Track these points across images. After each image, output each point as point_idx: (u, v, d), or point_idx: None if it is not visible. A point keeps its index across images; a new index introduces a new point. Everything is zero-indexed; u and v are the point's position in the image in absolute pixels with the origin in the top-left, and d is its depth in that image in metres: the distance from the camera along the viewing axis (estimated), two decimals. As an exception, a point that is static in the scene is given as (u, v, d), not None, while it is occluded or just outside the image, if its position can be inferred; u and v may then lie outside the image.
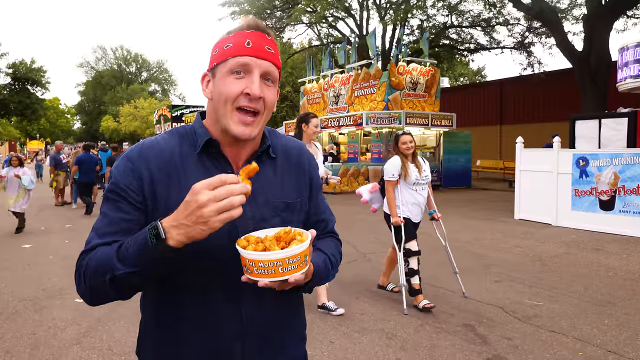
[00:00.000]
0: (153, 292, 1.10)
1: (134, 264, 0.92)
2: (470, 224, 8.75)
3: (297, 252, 0.94)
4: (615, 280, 5.08)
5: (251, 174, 0.96)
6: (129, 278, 0.93)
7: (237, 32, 1.04)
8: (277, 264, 0.93)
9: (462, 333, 3.68)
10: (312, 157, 1.26)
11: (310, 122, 4.28)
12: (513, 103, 23.93)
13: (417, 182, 4.32)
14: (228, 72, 1.02)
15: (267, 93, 1.04)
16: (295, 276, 0.94)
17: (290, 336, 1.18)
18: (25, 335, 3.73)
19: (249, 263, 0.94)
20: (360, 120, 15.64)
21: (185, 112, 34.81)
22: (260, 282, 0.93)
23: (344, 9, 23.35)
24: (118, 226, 1.01)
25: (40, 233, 8.32)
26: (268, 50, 1.04)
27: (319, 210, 1.24)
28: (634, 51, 9.57)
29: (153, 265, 0.92)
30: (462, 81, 41.94)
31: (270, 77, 1.05)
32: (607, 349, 3.36)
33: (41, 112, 36.44)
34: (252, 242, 0.97)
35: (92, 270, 0.96)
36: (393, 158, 4.38)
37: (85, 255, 1.01)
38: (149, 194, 1.02)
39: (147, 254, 0.90)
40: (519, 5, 17.07)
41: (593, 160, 8.02)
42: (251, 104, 1.02)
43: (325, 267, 1.13)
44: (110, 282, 0.94)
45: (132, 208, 1.02)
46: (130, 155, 1.05)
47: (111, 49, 67.05)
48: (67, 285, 5.02)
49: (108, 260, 0.94)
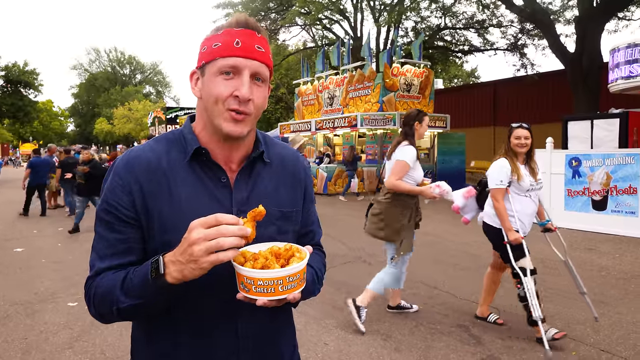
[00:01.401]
0: None
1: (138, 296, 0.92)
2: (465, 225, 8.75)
3: (297, 269, 0.90)
4: (608, 280, 5.11)
5: (258, 218, 0.91)
6: (135, 309, 0.95)
7: (226, 29, 1.00)
8: (277, 282, 0.88)
9: (457, 334, 3.69)
10: (307, 167, 1.24)
11: (424, 121, 3.92)
12: (506, 104, 24.04)
13: (531, 188, 3.65)
14: (217, 72, 0.99)
15: (257, 94, 1.01)
16: (294, 294, 0.91)
17: (284, 347, 1.17)
18: (17, 340, 3.69)
19: (247, 281, 0.88)
20: (354, 122, 15.66)
21: (179, 114, 34.73)
22: (258, 300, 0.89)
23: (338, 11, 23.41)
24: (115, 248, 1.00)
25: (33, 236, 8.26)
26: (258, 49, 1.00)
27: (309, 222, 1.23)
28: (625, 52, 9.66)
29: (156, 297, 0.92)
30: (456, 82, 42.11)
31: (260, 76, 1.02)
32: (600, 348, 3.38)
33: (34, 114, 36.17)
34: (250, 259, 0.91)
35: (99, 300, 0.98)
36: (499, 161, 3.65)
37: (91, 281, 1.01)
38: (142, 209, 0.99)
39: (149, 287, 0.90)
40: (511, 7, 17.20)
41: (585, 161, 8.07)
42: (240, 107, 0.99)
43: (312, 281, 1.12)
44: (117, 312, 0.96)
45: (125, 226, 1.00)
46: (117, 170, 1.02)
47: (105, 51, 66.91)
48: (59, 289, 4.98)
49: (112, 292, 0.95)
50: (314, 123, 18.04)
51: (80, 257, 6.34)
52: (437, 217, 9.92)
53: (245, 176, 1.07)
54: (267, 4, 24.26)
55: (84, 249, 6.88)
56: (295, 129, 19.31)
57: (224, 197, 1.04)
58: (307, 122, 18.57)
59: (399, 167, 3.75)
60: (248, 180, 1.08)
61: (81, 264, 5.93)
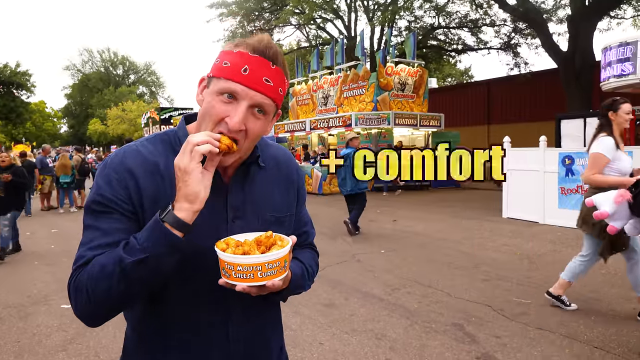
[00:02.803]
0: (137, 306, 1.06)
1: (143, 250, 0.88)
2: (459, 223, 8.80)
3: (277, 257, 0.92)
4: (601, 277, 5.14)
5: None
6: (139, 269, 0.88)
7: (241, 51, 0.96)
8: (256, 269, 0.90)
9: (451, 332, 3.70)
10: (299, 167, 1.24)
11: (620, 109, 3.63)
12: (500, 103, 24.15)
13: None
14: (218, 91, 0.96)
15: (252, 125, 0.97)
16: (273, 281, 0.92)
17: (274, 349, 1.18)
18: (9, 343, 3.66)
19: (227, 266, 0.92)
20: (349, 121, 15.67)
21: (173, 114, 34.56)
22: (238, 286, 0.91)
23: (332, 10, 23.41)
24: (113, 237, 0.94)
25: (26, 238, 8.19)
26: (266, 82, 0.96)
27: (302, 223, 1.23)
28: (617, 51, 9.72)
29: (161, 248, 0.88)
30: (450, 82, 42.24)
31: (262, 108, 0.98)
32: (593, 345, 3.39)
33: (26, 115, 35.96)
34: (232, 245, 0.94)
35: (95, 278, 0.90)
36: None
37: (80, 269, 0.93)
38: (138, 206, 0.98)
39: (156, 232, 0.88)
40: (504, 7, 17.27)
41: (578, 159, 8.12)
42: (230, 134, 0.95)
43: (302, 275, 1.11)
44: (121, 277, 0.88)
45: (125, 218, 0.97)
46: (113, 165, 0.99)
47: (98, 52, 66.29)
48: (52, 292, 4.95)
49: (114, 257, 0.89)
50: (308, 123, 18.04)
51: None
52: (429, 217, 9.96)
53: (240, 181, 1.07)
54: (261, 4, 24.21)
55: (77, 250, 6.80)
56: (290, 129, 19.31)
57: (219, 203, 1.03)
58: (302, 122, 18.57)
59: (593, 159, 3.68)
60: (243, 185, 1.07)
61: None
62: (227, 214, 1.03)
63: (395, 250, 6.65)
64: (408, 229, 8.42)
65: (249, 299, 0.98)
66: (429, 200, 13.05)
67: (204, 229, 0.98)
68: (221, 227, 1.02)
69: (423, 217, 9.80)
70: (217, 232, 1.01)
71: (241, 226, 1.04)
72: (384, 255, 6.37)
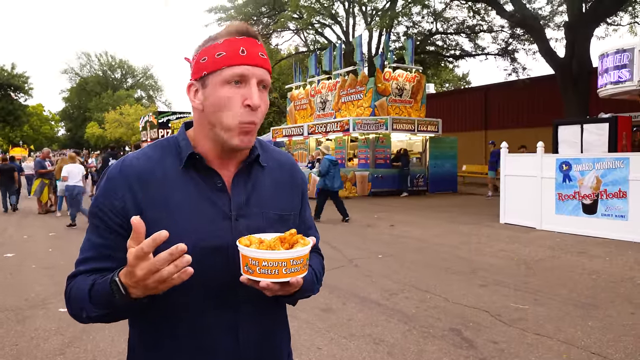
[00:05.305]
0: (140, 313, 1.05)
1: (106, 308, 0.94)
2: (456, 228, 8.82)
3: (301, 254, 0.92)
4: (598, 283, 5.16)
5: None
6: (106, 317, 0.96)
7: (228, 38, 0.99)
8: (281, 264, 0.90)
9: (449, 337, 3.71)
10: (302, 171, 1.25)
11: None
12: (498, 108, 24.24)
13: None
14: (223, 81, 0.98)
15: (264, 101, 1.03)
16: (297, 278, 0.93)
17: (284, 353, 1.17)
18: (7, 347, 3.65)
19: (252, 262, 0.91)
20: (347, 126, 15.70)
21: (171, 118, 34.57)
22: (262, 282, 0.91)
23: (330, 15, 23.50)
24: (97, 251, 1.01)
25: (23, 242, 8.17)
26: (261, 56, 1.01)
27: (306, 226, 1.23)
28: (614, 58, 9.78)
29: (125, 309, 0.93)
30: (448, 87, 42.39)
31: (265, 83, 1.02)
32: (590, 351, 3.41)
33: (24, 118, 35.89)
34: (256, 242, 0.95)
35: (72, 304, 1.00)
36: None
37: (70, 281, 1.03)
38: (136, 213, 0.96)
39: (114, 303, 0.91)
40: (502, 13, 17.37)
41: (576, 165, 8.16)
42: (251, 117, 0.99)
43: (311, 279, 1.12)
44: (89, 320, 0.98)
45: (110, 233, 1.00)
46: (111, 175, 1.02)
47: (96, 55, 66.33)
48: (50, 295, 4.94)
49: (82, 299, 0.96)
50: (306, 127, 18.06)
51: (72, 263, 6.19)
52: (426, 222, 9.98)
53: (242, 180, 1.07)
54: (260, 9, 24.28)
55: (75, 254, 6.78)
56: (287, 134, 19.33)
57: (222, 202, 1.04)
58: (300, 127, 18.59)
59: None
60: (246, 184, 1.08)
61: (72, 269, 5.87)
62: (231, 212, 1.04)
63: (392, 255, 6.66)
64: (405, 234, 8.44)
65: (259, 302, 0.99)
66: (426, 205, 13.08)
67: (208, 229, 1.00)
68: (225, 226, 1.02)
69: (420, 222, 9.82)
70: (221, 232, 1.01)
71: (245, 224, 1.04)
72: (381, 260, 6.38)
